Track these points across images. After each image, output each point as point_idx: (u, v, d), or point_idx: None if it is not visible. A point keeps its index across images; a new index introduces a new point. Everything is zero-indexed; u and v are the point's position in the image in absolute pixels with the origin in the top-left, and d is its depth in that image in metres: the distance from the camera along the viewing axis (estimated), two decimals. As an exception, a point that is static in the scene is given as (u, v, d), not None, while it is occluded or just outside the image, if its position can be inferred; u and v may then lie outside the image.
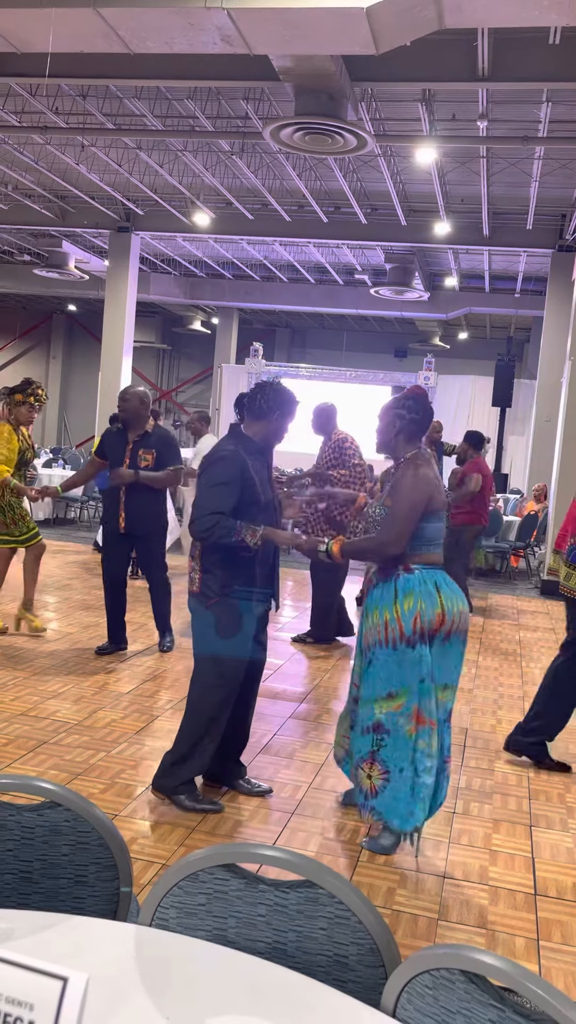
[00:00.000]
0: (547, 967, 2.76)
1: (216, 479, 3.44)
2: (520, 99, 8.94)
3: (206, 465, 3.50)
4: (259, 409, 3.59)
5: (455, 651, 3.32)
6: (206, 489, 3.44)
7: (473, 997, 1.24)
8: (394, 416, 3.42)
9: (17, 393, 6.01)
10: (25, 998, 0.80)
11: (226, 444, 3.56)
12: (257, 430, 3.61)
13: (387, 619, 3.28)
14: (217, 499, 3.40)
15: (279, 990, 1.34)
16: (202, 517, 3.38)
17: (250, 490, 3.47)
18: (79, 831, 1.61)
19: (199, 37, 6.58)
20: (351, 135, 8.09)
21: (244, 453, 3.51)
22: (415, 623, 3.24)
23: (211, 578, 3.52)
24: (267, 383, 3.65)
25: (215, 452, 3.55)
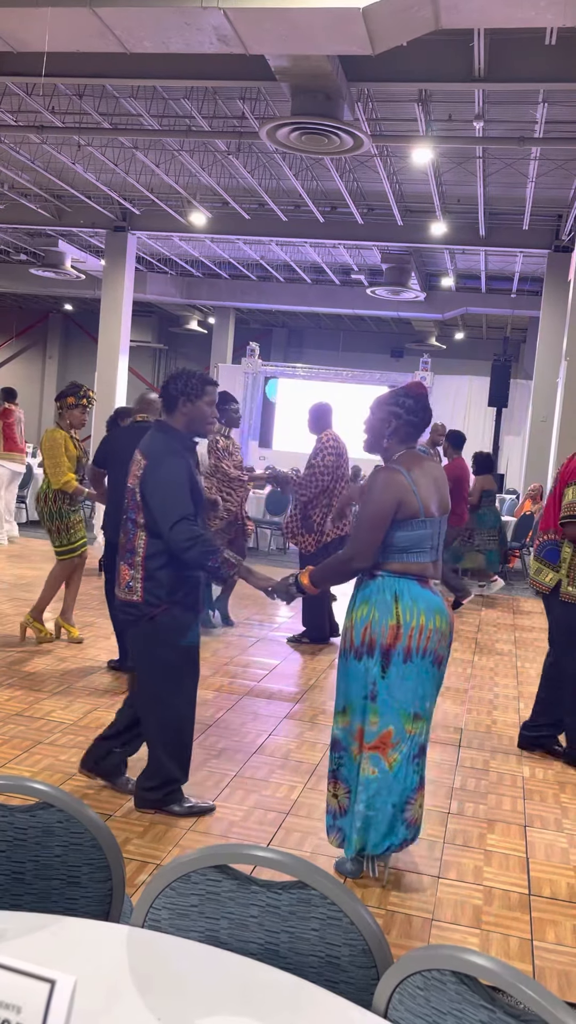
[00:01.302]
0: (541, 967, 2.76)
1: (172, 477, 3.28)
2: (516, 100, 8.94)
3: (152, 461, 3.33)
4: (168, 400, 3.46)
5: (419, 674, 2.95)
6: (165, 489, 3.26)
7: (464, 998, 1.24)
8: (389, 413, 3.07)
9: (69, 396, 5.90)
10: (13, 1000, 0.80)
11: (161, 437, 3.41)
12: (177, 423, 3.46)
13: (345, 626, 3.09)
14: (181, 501, 3.25)
15: (271, 991, 1.35)
16: (178, 524, 3.21)
17: (194, 490, 3.34)
18: (72, 832, 1.61)
19: (195, 37, 6.57)
20: (347, 135, 8.09)
21: (181, 449, 3.39)
22: (364, 633, 2.97)
23: (155, 585, 3.34)
24: (178, 372, 3.50)
25: (159, 447, 3.37)
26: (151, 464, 3.31)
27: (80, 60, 8.01)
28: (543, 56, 7.58)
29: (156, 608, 3.34)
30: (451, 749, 4.64)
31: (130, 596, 3.38)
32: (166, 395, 3.44)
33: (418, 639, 2.93)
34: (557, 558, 4.42)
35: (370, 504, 2.99)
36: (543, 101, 8.76)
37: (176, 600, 3.36)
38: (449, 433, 8.81)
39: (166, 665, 3.41)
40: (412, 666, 2.94)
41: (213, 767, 4.10)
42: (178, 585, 3.35)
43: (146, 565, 3.33)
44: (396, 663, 2.93)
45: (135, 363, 21.83)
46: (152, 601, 3.34)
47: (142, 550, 3.34)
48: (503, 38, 7.55)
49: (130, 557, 3.38)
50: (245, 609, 7.77)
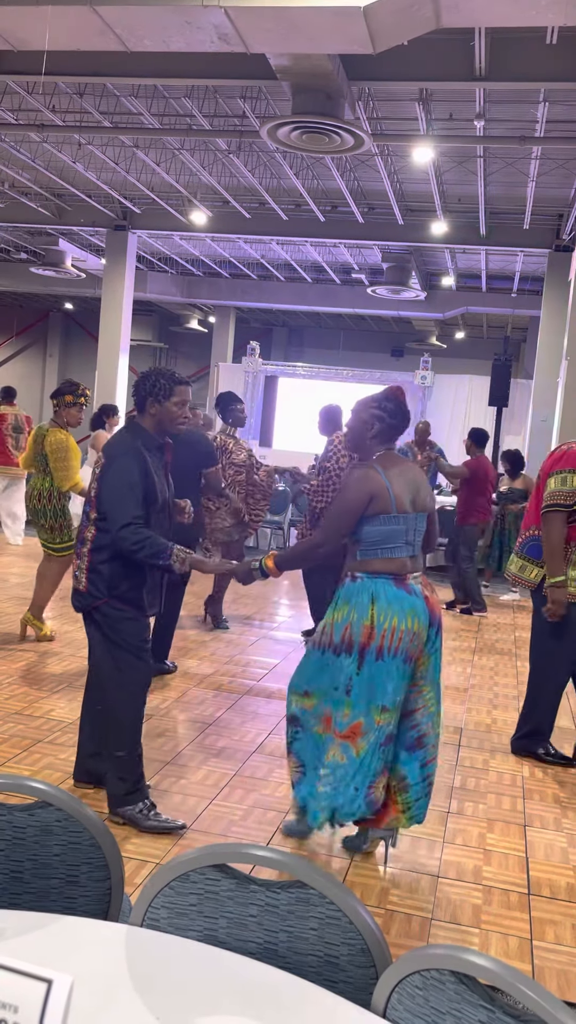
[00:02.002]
0: (540, 967, 2.76)
1: (125, 478, 3.28)
2: (517, 99, 8.94)
3: (108, 460, 3.35)
4: (138, 400, 3.46)
5: (389, 671, 3.08)
6: (116, 490, 3.28)
7: (463, 998, 1.24)
8: (372, 416, 3.25)
9: (67, 394, 5.88)
10: (10, 1000, 0.80)
11: (124, 436, 3.44)
12: (147, 423, 3.46)
13: (326, 623, 3.25)
14: (131, 503, 3.25)
15: (269, 990, 1.34)
16: (127, 527, 3.22)
17: (150, 490, 3.34)
18: (70, 831, 1.61)
19: (196, 35, 6.57)
20: (348, 134, 8.09)
21: (144, 449, 3.38)
22: (344, 633, 3.13)
23: (98, 577, 3.37)
24: (149, 370, 3.50)
25: (118, 448, 3.39)
26: (106, 463, 3.36)
27: (80, 59, 8.00)
28: (544, 55, 7.57)
29: (98, 600, 3.38)
30: (451, 748, 4.64)
31: (77, 585, 3.46)
32: (136, 395, 3.46)
33: (391, 639, 3.08)
34: (541, 554, 4.40)
35: (343, 496, 3.22)
36: (544, 100, 8.75)
37: (117, 595, 3.37)
38: (472, 431, 8.84)
39: (112, 657, 3.42)
40: (383, 664, 3.09)
41: (213, 766, 4.09)
42: (119, 580, 3.36)
43: (92, 557, 3.38)
44: (369, 661, 3.09)
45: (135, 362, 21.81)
46: (94, 593, 3.38)
47: (90, 543, 3.39)
48: (504, 37, 7.54)
49: (79, 548, 3.46)
50: (244, 608, 7.77)
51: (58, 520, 5.91)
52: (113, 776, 3.45)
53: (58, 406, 5.91)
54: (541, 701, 4.53)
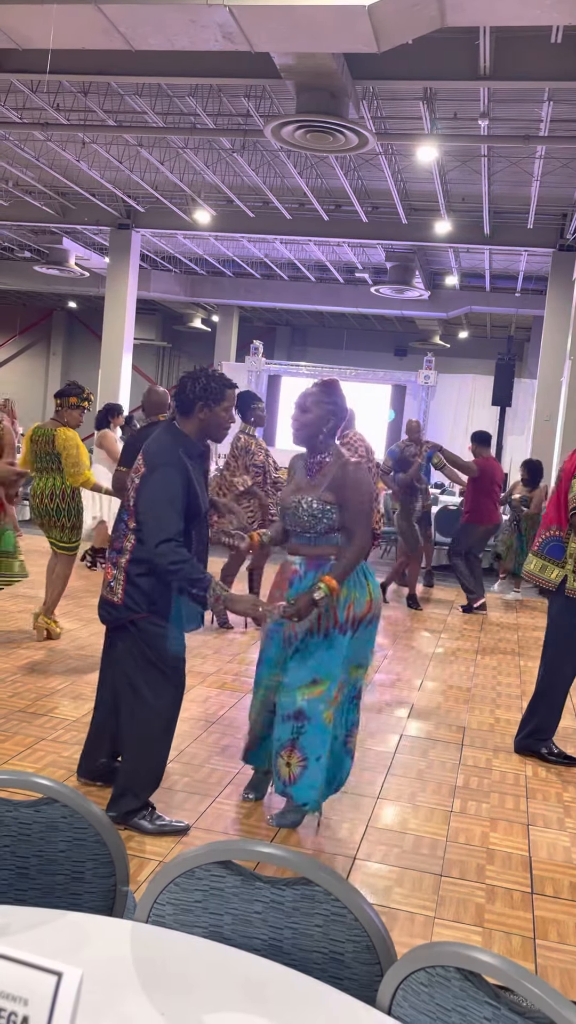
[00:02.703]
0: (543, 966, 2.76)
1: (168, 490, 3.09)
2: (522, 98, 8.93)
3: (150, 468, 3.14)
4: (183, 404, 3.24)
5: (371, 633, 3.47)
6: (157, 503, 3.09)
7: (468, 995, 1.24)
8: (327, 411, 3.40)
9: (72, 396, 5.95)
10: (20, 993, 0.81)
11: (167, 443, 3.20)
12: (190, 427, 3.26)
13: (318, 610, 3.32)
14: (172, 518, 3.06)
15: (275, 987, 1.35)
16: (166, 544, 3.03)
17: (192, 502, 3.15)
18: (76, 827, 1.61)
19: (200, 34, 6.57)
20: (352, 133, 8.09)
21: (185, 457, 3.17)
22: (348, 612, 3.33)
23: (137, 591, 3.21)
24: (192, 372, 3.28)
25: (159, 454, 3.16)
26: (147, 471, 3.15)
27: (85, 57, 8.01)
28: (549, 54, 7.57)
29: (135, 614, 3.23)
30: (454, 748, 4.64)
31: (111, 596, 3.30)
32: (182, 396, 3.24)
33: (376, 607, 3.47)
34: (562, 554, 4.40)
35: (368, 493, 3.41)
36: (548, 99, 8.74)
37: (156, 610, 3.23)
38: (474, 434, 8.85)
39: (145, 673, 3.27)
40: (371, 629, 3.45)
41: (216, 764, 4.10)
42: (160, 594, 3.21)
43: (128, 570, 3.23)
44: (362, 628, 3.39)
45: (139, 361, 21.85)
46: (132, 607, 3.23)
47: (128, 553, 3.24)
48: (509, 36, 7.53)
49: (115, 557, 3.30)
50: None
51: (71, 519, 5.96)
52: (129, 792, 3.34)
53: (61, 406, 5.99)
54: (549, 699, 4.52)
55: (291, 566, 3.48)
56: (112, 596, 3.28)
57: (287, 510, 3.43)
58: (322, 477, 3.41)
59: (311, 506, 3.35)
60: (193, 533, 3.22)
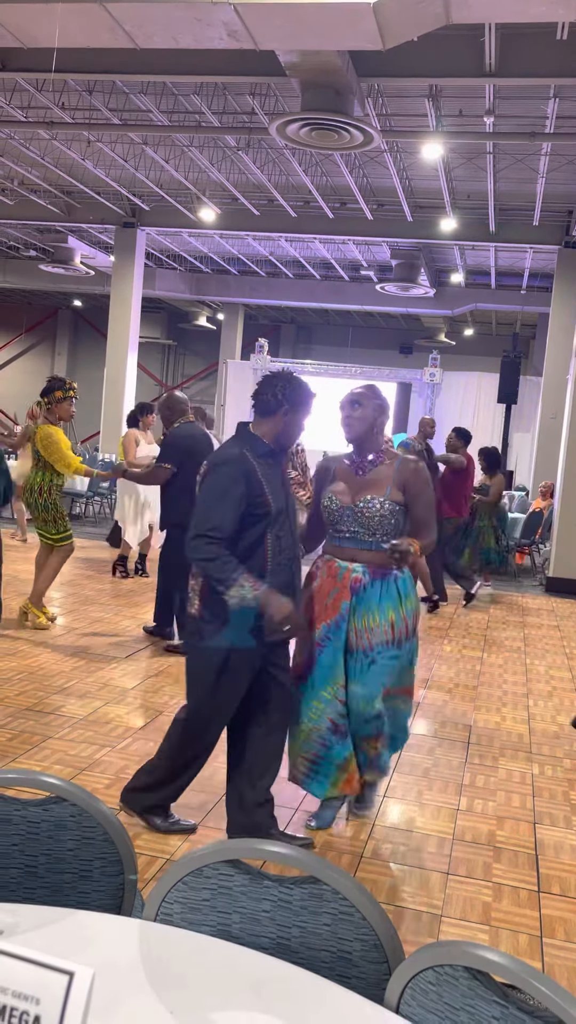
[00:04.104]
0: (550, 964, 2.76)
1: (216, 489, 3.02)
2: (527, 95, 8.92)
3: (208, 470, 3.12)
4: (266, 405, 3.15)
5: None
6: (204, 501, 3.04)
7: (477, 993, 1.24)
8: (379, 407, 3.41)
9: (56, 390, 6.05)
10: (31, 992, 0.81)
11: (231, 446, 3.14)
12: (266, 429, 3.17)
13: (393, 620, 3.29)
14: (217, 513, 2.99)
15: (283, 985, 1.35)
16: (198, 538, 2.97)
17: (257, 499, 3.04)
18: (84, 826, 1.62)
19: (205, 32, 6.57)
20: (357, 131, 8.08)
21: (252, 456, 3.08)
22: (415, 618, 3.41)
23: (215, 601, 3.06)
24: (277, 374, 3.22)
25: (217, 456, 3.16)
26: (205, 472, 3.12)
27: (90, 56, 8.02)
28: (554, 51, 7.56)
29: (215, 626, 3.11)
30: (460, 746, 4.63)
31: (190, 608, 3.19)
32: (264, 398, 3.15)
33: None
34: None
35: (432, 491, 3.44)
36: (554, 96, 8.73)
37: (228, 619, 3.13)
38: (459, 429, 8.91)
39: (213, 679, 3.16)
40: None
41: (222, 762, 4.09)
42: (224, 607, 3.09)
43: (206, 580, 3.11)
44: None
45: (144, 359, 21.85)
46: (207, 618, 3.12)
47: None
48: (514, 33, 7.52)
49: (194, 568, 3.18)
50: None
51: (49, 512, 6.07)
52: (151, 780, 3.33)
53: (50, 403, 6.08)
54: None
55: (350, 572, 3.30)
56: (190, 607, 3.19)
57: (341, 512, 3.28)
58: (377, 475, 3.33)
59: (383, 506, 3.25)
60: (268, 533, 3.08)
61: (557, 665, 6.67)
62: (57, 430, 6.03)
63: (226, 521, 2.97)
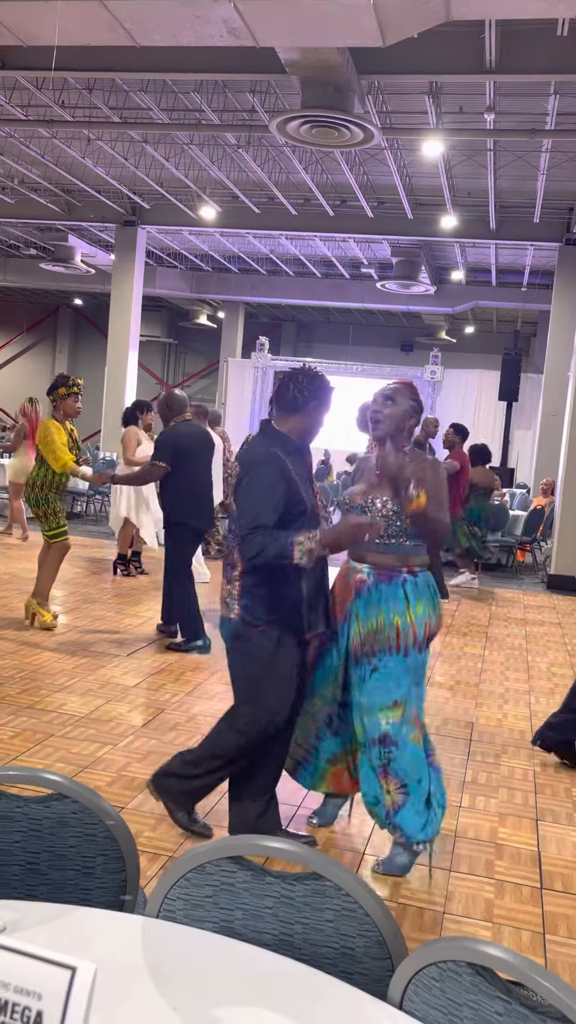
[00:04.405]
0: (553, 960, 2.76)
1: (258, 490, 2.99)
2: (528, 91, 8.91)
3: (244, 471, 3.07)
4: (293, 401, 3.11)
5: (428, 649, 3.34)
6: (248, 502, 3.00)
7: (480, 989, 1.24)
8: (411, 407, 3.24)
9: (60, 387, 6.03)
10: (34, 988, 0.80)
11: (264, 446, 3.09)
12: (292, 425, 3.13)
13: (399, 625, 3.11)
14: (258, 512, 2.95)
15: (286, 982, 1.35)
16: (247, 536, 2.94)
17: (294, 497, 3.02)
18: (86, 823, 1.61)
19: (205, 29, 6.56)
20: (358, 128, 8.07)
21: (283, 454, 3.05)
22: (425, 628, 3.15)
23: (254, 603, 3.05)
24: (299, 370, 3.18)
25: (251, 454, 3.10)
26: (241, 473, 3.08)
27: (89, 54, 8.01)
28: (554, 47, 7.54)
29: (254, 627, 3.07)
30: (462, 743, 4.63)
31: (227, 613, 3.13)
32: (287, 395, 3.12)
33: (439, 623, 3.31)
34: None
35: (444, 488, 3.30)
36: (554, 93, 8.72)
37: (275, 620, 3.07)
38: (456, 425, 8.99)
39: (259, 686, 3.11)
40: (428, 646, 3.30)
41: (224, 760, 4.10)
42: (278, 602, 3.06)
43: (244, 580, 3.07)
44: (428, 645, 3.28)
45: (144, 358, 21.85)
46: (248, 620, 3.07)
47: (241, 565, 3.07)
48: (514, 29, 7.51)
49: (230, 571, 3.12)
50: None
51: (41, 508, 6.06)
52: (191, 773, 3.24)
53: (55, 400, 6.07)
54: None
55: (356, 574, 3.23)
56: (228, 613, 3.12)
57: (351, 512, 3.22)
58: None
59: (385, 506, 3.15)
60: (299, 528, 3.07)
61: (559, 662, 6.67)
62: (56, 426, 5.99)
63: (269, 518, 2.95)
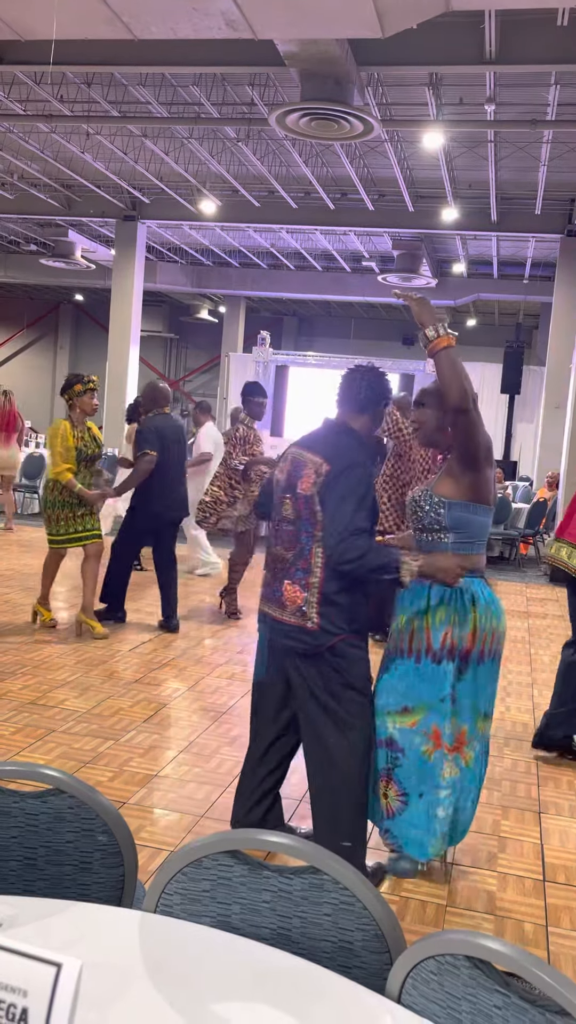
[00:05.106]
0: (556, 953, 2.76)
1: (353, 492, 2.85)
2: (528, 82, 8.86)
3: (338, 468, 2.89)
4: (365, 400, 3.03)
5: (489, 674, 3.00)
6: (344, 504, 2.84)
7: (478, 983, 1.23)
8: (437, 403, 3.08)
9: (75, 384, 5.91)
10: (19, 984, 0.80)
11: (349, 443, 2.97)
12: (361, 424, 3.05)
13: (414, 628, 2.98)
14: (356, 515, 2.82)
15: (283, 976, 1.34)
16: (348, 539, 2.78)
17: (374, 504, 2.94)
18: (83, 818, 1.61)
19: (203, 22, 6.52)
20: (357, 120, 8.03)
21: (367, 456, 3.01)
22: (444, 638, 2.92)
23: (335, 611, 2.89)
24: (367, 369, 3.10)
25: (345, 458, 2.91)
26: (334, 471, 2.88)
27: (88, 48, 7.97)
28: (555, 37, 7.50)
29: (335, 637, 2.90)
30: (465, 736, 4.62)
31: (302, 622, 2.92)
32: (356, 393, 3.04)
33: (491, 643, 2.97)
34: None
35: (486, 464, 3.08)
36: (555, 83, 8.67)
37: (355, 629, 2.95)
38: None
39: (345, 703, 2.95)
40: (484, 668, 2.97)
41: (226, 754, 4.10)
42: (357, 610, 2.95)
43: (324, 587, 2.89)
44: (472, 666, 2.95)
45: (146, 353, 21.83)
46: (330, 629, 2.89)
47: (319, 570, 2.89)
48: (514, 19, 7.47)
49: (303, 577, 2.92)
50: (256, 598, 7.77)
51: (46, 510, 5.99)
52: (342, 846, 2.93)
53: (71, 399, 5.92)
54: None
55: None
56: (305, 621, 2.91)
57: (410, 510, 3.13)
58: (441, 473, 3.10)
59: (421, 496, 3.04)
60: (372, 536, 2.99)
61: (562, 655, 6.65)
62: (66, 428, 5.83)
63: (367, 526, 2.86)
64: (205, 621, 6.74)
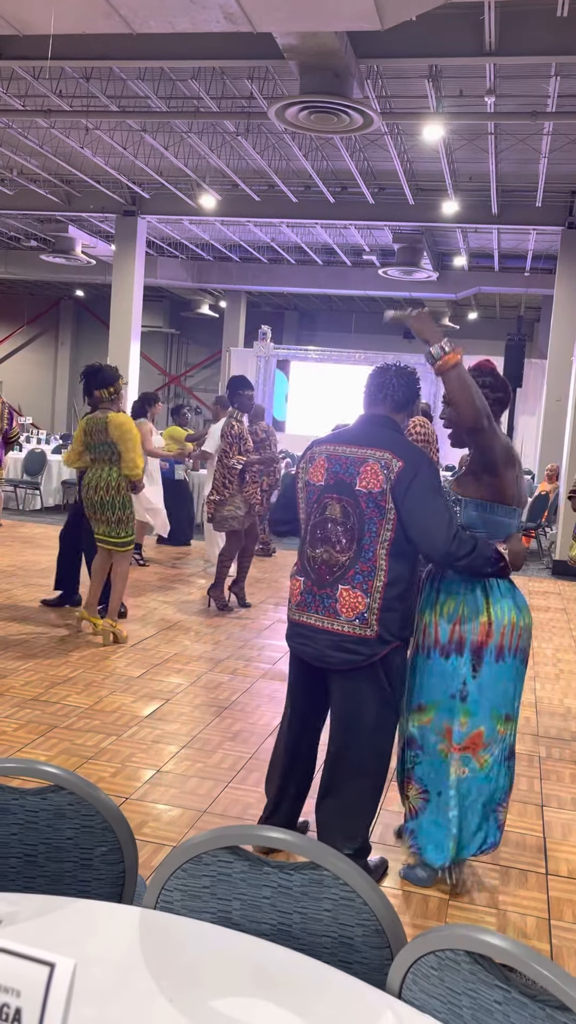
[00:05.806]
0: (558, 947, 2.76)
1: (438, 486, 2.79)
2: (528, 74, 8.82)
3: (411, 467, 2.78)
4: (403, 398, 3.01)
5: (509, 673, 2.87)
6: (434, 499, 2.74)
7: (479, 978, 1.23)
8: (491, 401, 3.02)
9: (119, 379, 5.81)
10: (12, 984, 0.80)
11: (407, 441, 2.91)
12: (399, 422, 3.04)
13: (425, 622, 2.94)
14: (447, 509, 2.77)
15: (284, 972, 1.34)
16: (455, 537, 2.69)
17: None
18: (83, 815, 1.61)
19: (202, 16, 6.50)
20: (357, 113, 8.01)
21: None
22: (452, 631, 2.85)
23: (393, 617, 2.78)
24: (400, 367, 3.07)
25: (417, 455, 2.83)
26: (411, 467, 2.76)
27: (86, 42, 7.95)
28: (554, 28, 7.47)
29: (388, 646, 2.79)
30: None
31: (361, 631, 2.76)
32: (397, 389, 2.99)
33: (510, 638, 2.86)
34: None
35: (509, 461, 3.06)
36: (555, 75, 8.63)
37: (406, 636, 2.88)
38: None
39: (383, 715, 2.88)
40: (503, 665, 2.86)
41: (228, 749, 4.10)
42: (409, 616, 2.89)
43: (386, 593, 2.75)
44: (488, 662, 2.85)
45: (147, 348, 21.82)
46: (388, 637, 2.78)
47: (384, 573, 2.75)
48: (513, 11, 7.43)
49: (364, 580, 2.76)
50: (260, 592, 7.77)
51: (126, 511, 5.73)
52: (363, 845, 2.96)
53: (115, 392, 5.78)
54: None
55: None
56: (365, 629, 2.76)
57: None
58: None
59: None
60: None
61: (564, 648, 6.65)
62: (131, 420, 5.76)
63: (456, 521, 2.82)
64: (206, 617, 6.74)
